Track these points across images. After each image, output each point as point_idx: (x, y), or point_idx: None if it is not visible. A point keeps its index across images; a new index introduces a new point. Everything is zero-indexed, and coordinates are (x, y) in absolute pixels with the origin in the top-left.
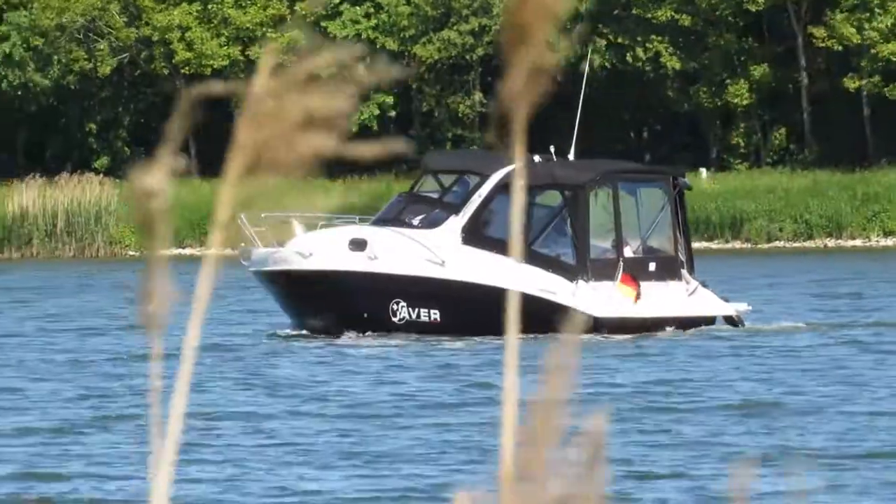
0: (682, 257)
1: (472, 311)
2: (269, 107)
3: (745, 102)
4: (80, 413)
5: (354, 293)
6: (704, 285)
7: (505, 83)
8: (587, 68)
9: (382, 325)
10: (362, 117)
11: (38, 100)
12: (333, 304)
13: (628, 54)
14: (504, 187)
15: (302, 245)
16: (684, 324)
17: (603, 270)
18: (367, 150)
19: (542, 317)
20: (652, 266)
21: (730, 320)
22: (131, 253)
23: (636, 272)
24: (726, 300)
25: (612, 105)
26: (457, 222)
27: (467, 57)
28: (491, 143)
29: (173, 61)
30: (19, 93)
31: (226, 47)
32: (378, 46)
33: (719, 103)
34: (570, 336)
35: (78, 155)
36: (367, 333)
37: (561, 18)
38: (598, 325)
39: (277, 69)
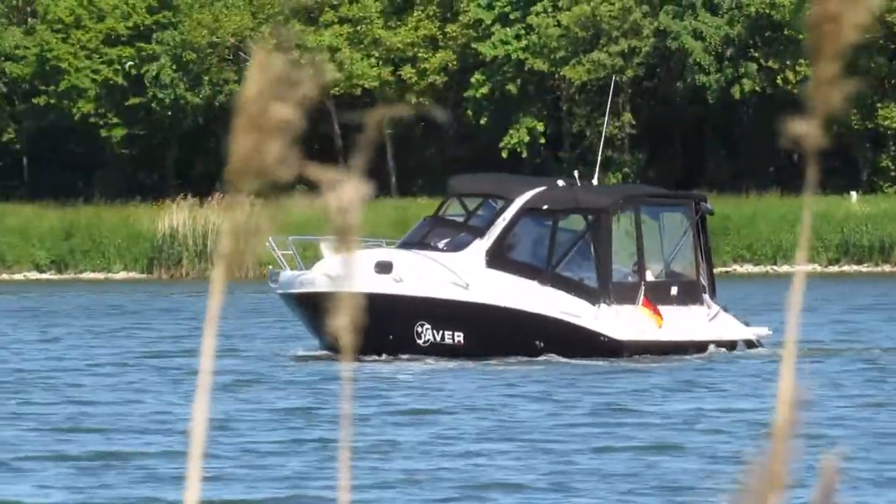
0: (704, 282)
1: (496, 333)
2: (254, 111)
3: (895, 125)
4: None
5: (380, 315)
6: (725, 310)
7: (814, 73)
8: (612, 84)
9: (407, 347)
10: (512, 142)
11: (189, 119)
12: (359, 326)
13: (779, 77)
14: (528, 211)
15: (328, 267)
16: (705, 348)
17: (625, 294)
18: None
19: (565, 340)
20: (674, 290)
21: (750, 344)
22: None
23: (657, 296)
24: (747, 324)
25: (762, 130)
26: (481, 245)
27: (617, 78)
28: None
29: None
30: (170, 112)
31: (376, 68)
32: (528, 68)
33: (870, 126)
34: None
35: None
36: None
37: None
38: (620, 349)
39: (263, 74)
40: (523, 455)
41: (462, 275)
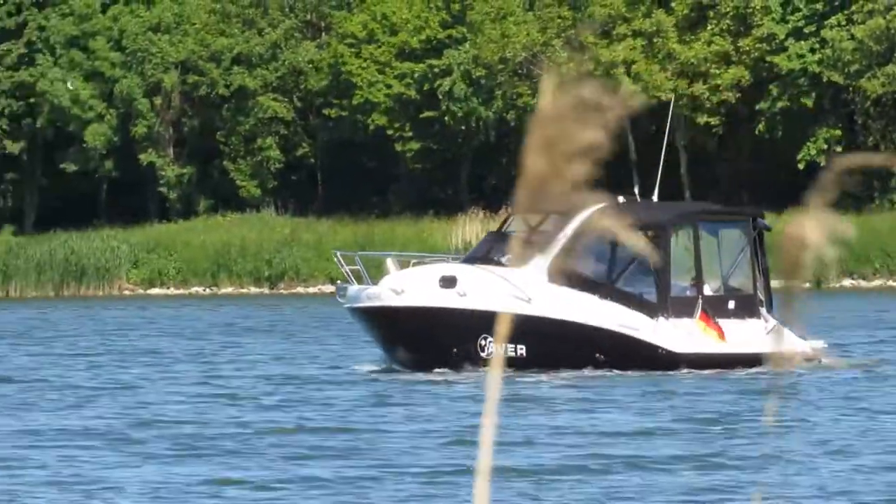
0: (762, 296)
1: (557, 346)
2: (551, 132)
3: None
4: None
5: (444, 329)
6: (783, 324)
7: None
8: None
9: (471, 360)
10: (810, 153)
11: (482, 134)
12: (424, 339)
13: None
14: (590, 227)
15: (394, 282)
16: (762, 361)
17: (683, 308)
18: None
19: (624, 353)
20: (731, 304)
21: (808, 358)
22: None
23: (715, 310)
24: (803, 339)
25: None
26: (543, 261)
27: None
28: None
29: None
30: (463, 127)
31: (671, 81)
32: (824, 80)
33: None
34: None
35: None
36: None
37: None
38: (678, 362)
39: (557, 94)
40: None
41: (524, 289)
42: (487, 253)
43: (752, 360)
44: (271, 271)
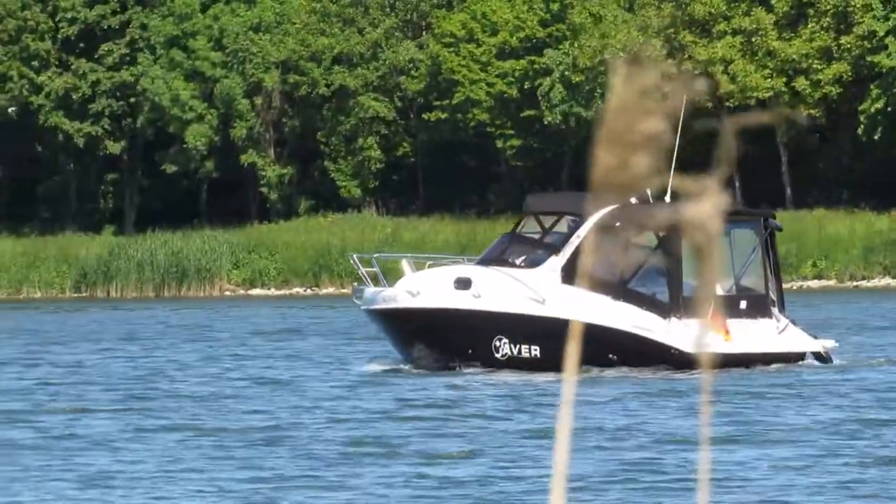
0: (773, 296)
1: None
2: (617, 125)
3: None
4: None
5: (460, 330)
6: (794, 323)
7: None
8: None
9: (486, 360)
10: None
11: (582, 133)
12: (440, 340)
13: None
14: (602, 228)
15: (410, 284)
16: (774, 360)
17: (695, 308)
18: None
19: (637, 353)
20: (742, 304)
21: (819, 357)
22: None
23: (727, 310)
24: (815, 338)
25: None
26: (556, 262)
27: None
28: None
29: (717, 94)
30: (563, 127)
31: (770, 79)
32: None
33: None
34: None
35: None
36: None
37: None
38: (690, 361)
39: (627, 88)
40: None
41: (538, 290)
42: (502, 255)
43: (764, 360)
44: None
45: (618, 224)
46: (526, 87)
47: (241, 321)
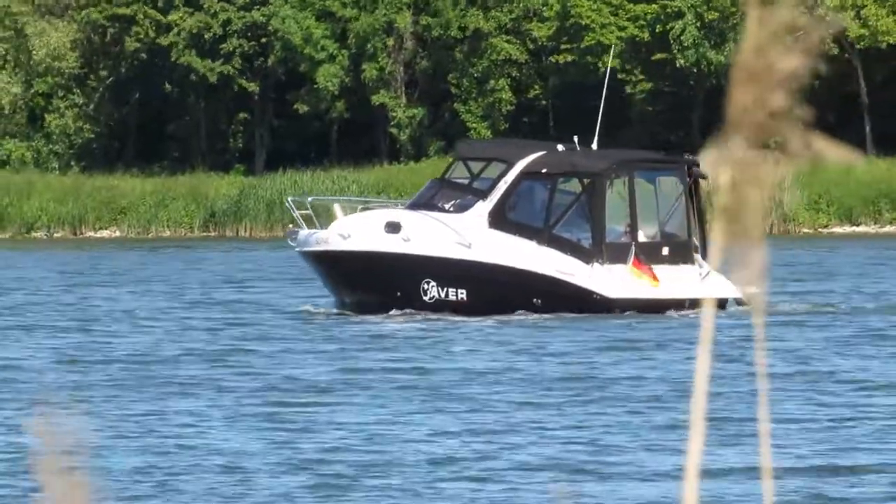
0: (696, 242)
1: (496, 291)
2: (752, 64)
3: None
4: None
5: (389, 273)
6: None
7: None
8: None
9: (414, 303)
10: None
11: (713, 78)
12: (370, 282)
13: None
14: (528, 174)
15: (342, 227)
16: (695, 305)
17: (618, 254)
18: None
19: (560, 297)
20: (665, 250)
21: (740, 302)
22: (805, 230)
23: (649, 256)
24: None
25: None
26: (484, 207)
27: None
28: None
29: (849, 39)
30: (694, 70)
31: None
32: None
33: None
34: None
35: None
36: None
37: None
38: (612, 306)
39: (761, 27)
40: None
41: (465, 235)
42: (431, 199)
43: (686, 305)
44: None
45: (544, 170)
46: (658, 31)
47: None
